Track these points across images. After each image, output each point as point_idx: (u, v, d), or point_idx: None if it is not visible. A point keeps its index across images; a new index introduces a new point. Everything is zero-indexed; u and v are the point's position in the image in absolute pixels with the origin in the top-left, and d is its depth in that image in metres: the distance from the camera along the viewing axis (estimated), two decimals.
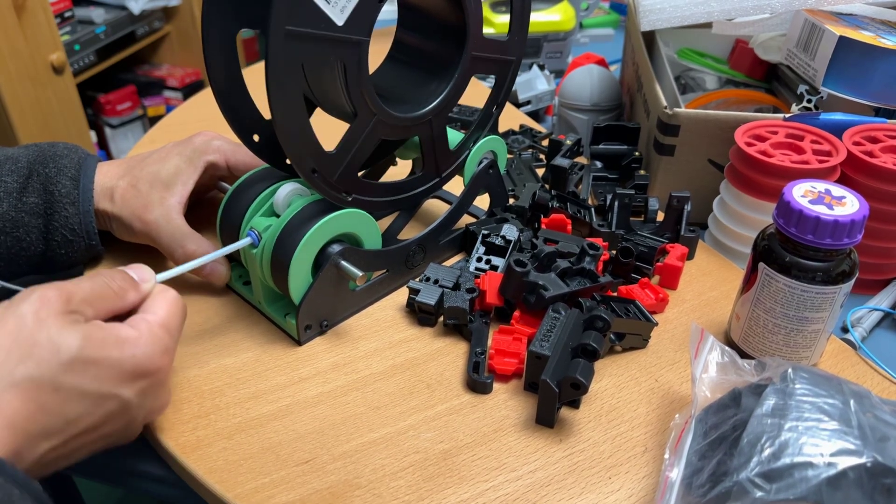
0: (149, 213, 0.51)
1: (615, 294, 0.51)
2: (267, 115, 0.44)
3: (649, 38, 0.80)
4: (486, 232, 0.54)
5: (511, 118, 0.81)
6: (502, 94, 0.56)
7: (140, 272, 0.39)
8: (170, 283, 0.41)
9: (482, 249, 0.54)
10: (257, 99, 0.47)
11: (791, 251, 0.42)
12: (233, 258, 0.53)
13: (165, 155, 0.54)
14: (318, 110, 0.51)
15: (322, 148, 0.45)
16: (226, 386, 0.45)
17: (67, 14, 1.60)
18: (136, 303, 0.38)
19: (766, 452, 0.32)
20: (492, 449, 0.41)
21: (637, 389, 0.45)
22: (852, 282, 0.42)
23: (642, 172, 0.65)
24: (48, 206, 0.50)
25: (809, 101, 0.62)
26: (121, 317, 0.37)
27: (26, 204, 0.50)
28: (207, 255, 0.45)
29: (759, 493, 0.31)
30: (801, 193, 0.41)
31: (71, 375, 0.33)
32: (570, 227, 0.56)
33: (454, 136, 0.55)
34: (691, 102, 0.75)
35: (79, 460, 0.36)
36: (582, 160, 0.71)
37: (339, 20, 0.41)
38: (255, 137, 0.49)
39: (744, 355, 0.45)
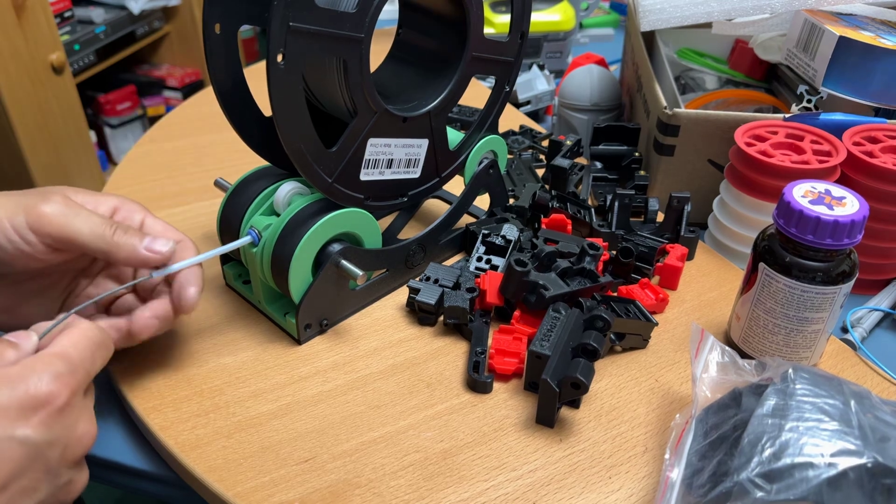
0: (45, 210, 0.38)
1: (615, 294, 0.51)
2: (267, 112, 0.44)
3: (649, 38, 0.80)
4: (486, 232, 0.54)
5: (511, 118, 0.81)
6: (502, 95, 0.56)
7: (20, 338, 0.34)
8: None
9: (482, 249, 0.54)
10: (258, 97, 0.47)
11: (791, 251, 0.42)
12: (232, 257, 0.53)
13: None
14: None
15: (322, 146, 0.45)
16: (225, 385, 0.45)
17: (67, 14, 1.60)
18: (16, 361, 0.33)
19: (767, 453, 0.32)
20: (492, 448, 0.41)
21: (637, 389, 0.45)
22: (852, 282, 0.42)
23: (642, 173, 0.65)
24: None
25: (809, 101, 0.62)
26: None
27: None
28: (206, 253, 0.44)
29: (759, 494, 0.31)
30: (802, 194, 0.41)
31: None
32: (570, 227, 0.56)
33: (454, 136, 0.55)
34: (691, 102, 0.75)
35: None
36: (582, 160, 0.71)
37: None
38: (255, 135, 0.49)
39: (744, 355, 0.45)
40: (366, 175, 0.49)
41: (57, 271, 0.43)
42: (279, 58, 0.39)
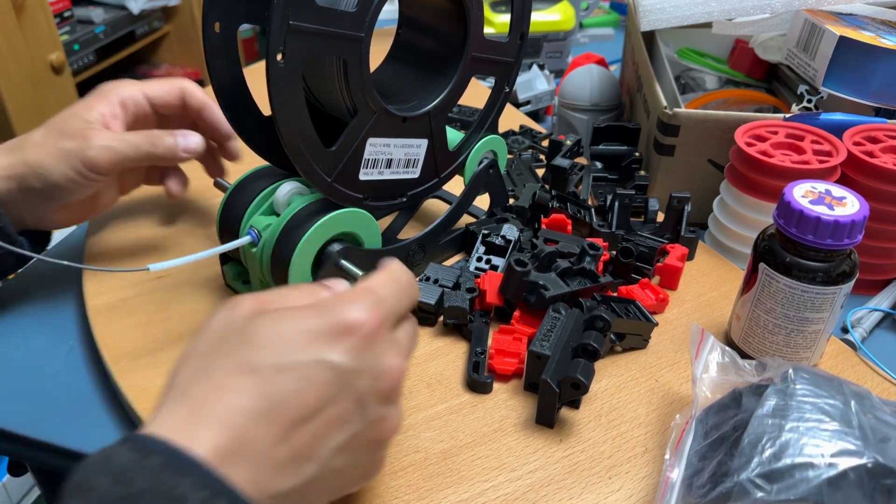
0: (94, 141, 0.48)
1: (615, 294, 0.51)
2: (267, 111, 0.44)
3: (649, 38, 0.80)
4: (486, 232, 0.54)
5: (511, 118, 0.80)
6: (502, 96, 0.56)
7: (335, 283, 0.35)
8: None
9: (482, 249, 0.54)
10: (257, 97, 0.47)
11: (791, 251, 0.42)
12: (232, 256, 0.53)
13: (71, 107, 0.51)
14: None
15: (322, 145, 0.44)
16: None
17: (67, 14, 1.60)
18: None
19: (767, 453, 0.32)
20: (492, 449, 0.41)
21: (637, 390, 0.45)
22: (852, 282, 0.42)
23: (642, 173, 0.65)
24: None
25: (809, 101, 0.62)
26: None
27: None
28: (205, 251, 0.44)
29: (759, 494, 0.31)
30: (802, 194, 0.41)
31: (262, 352, 0.29)
32: (570, 227, 0.56)
33: (454, 136, 0.55)
34: (691, 102, 0.75)
35: (338, 474, 0.31)
36: (582, 160, 0.71)
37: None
38: (255, 135, 0.49)
39: (744, 356, 0.45)
40: (365, 175, 0.49)
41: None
42: (279, 57, 0.39)
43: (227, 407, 0.28)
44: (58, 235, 0.58)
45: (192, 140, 0.51)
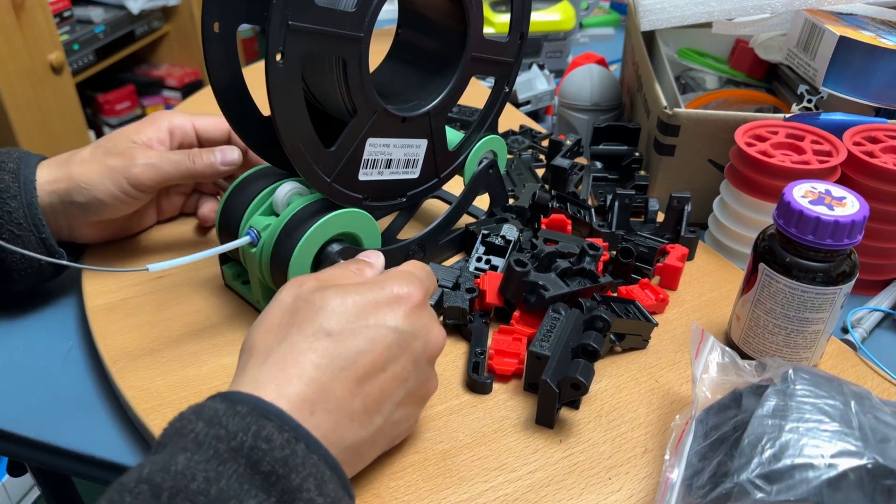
0: (140, 159, 0.51)
1: (615, 294, 0.51)
2: (266, 111, 0.44)
3: (649, 37, 0.80)
4: (486, 232, 0.54)
5: (511, 118, 0.80)
6: (502, 96, 0.56)
7: (372, 257, 0.42)
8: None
9: (482, 249, 0.54)
10: (257, 97, 0.47)
11: (791, 252, 0.42)
12: (231, 256, 0.53)
13: (119, 130, 0.55)
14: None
15: (321, 145, 0.44)
16: (224, 385, 0.44)
17: (66, 13, 1.60)
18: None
19: (767, 453, 0.32)
20: (491, 449, 0.41)
21: (637, 390, 0.45)
22: (852, 282, 0.42)
23: (642, 173, 0.65)
24: None
25: (810, 101, 0.62)
26: None
27: None
28: (205, 252, 0.44)
29: (759, 495, 0.31)
30: (802, 194, 0.41)
31: (335, 319, 0.34)
32: (570, 227, 0.56)
33: (454, 136, 0.55)
34: (691, 102, 0.75)
35: (402, 422, 0.37)
36: (582, 160, 0.71)
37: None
38: (254, 135, 0.49)
39: (744, 356, 0.45)
40: (364, 175, 0.49)
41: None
42: (278, 57, 0.39)
43: (309, 365, 0.33)
44: None
45: (230, 155, 0.52)
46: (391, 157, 0.50)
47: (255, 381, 0.32)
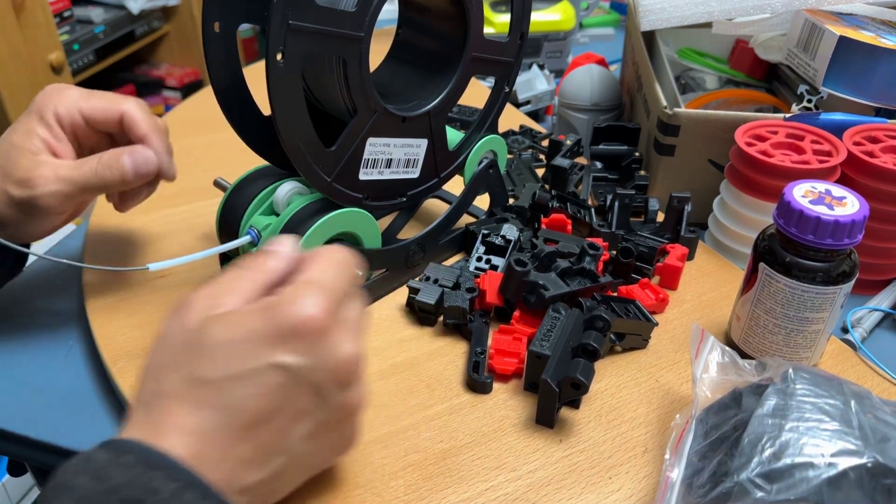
0: (41, 174, 0.44)
1: (615, 294, 0.51)
2: (267, 111, 0.44)
3: (649, 37, 0.80)
4: (486, 232, 0.54)
5: (511, 118, 0.80)
6: (502, 96, 0.56)
7: (278, 244, 0.35)
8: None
9: (482, 249, 0.54)
10: (257, 97, 0.47)
11: (791, 251, 0.42)
12: (232, 256, 0.53)
13: (13, 127, 0.48)
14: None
15: (322, 145, 0.44)
16: None
17: (66, 13, 1.60)
18: (283, 269, 0.34)
19: (767, 453, 0.32)
20: (491, 449, 0.41)
21: (637, 390, 0.45)
22: (852, 282, 0.42)
23: (642, 173, 0.65)
24: None
25: (809, 101, 0.62)
26: None
27: None
28: (205, 251, 0.44)
29: (759, 494, 0.31)
30: (802, 194, 0.41)
31: (217, 361, 0.30)
32: (570, 227, 0.56)
33: (454, 136, 0.55)
34: (691, 102, 0.75)
35: (296, 479, 0.33)
36: (582, 160, 0.71)
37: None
38: (255, 135, 0.49)
39: (744, 356, 0.45)
40: (365, 175, 0.49)
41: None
42: (279, 57, 0.39)
43: (185, 421, 0.29)
44: (58, 235, 0.58)
45: (142, 161, 0.46)
46: (391, 156, 0.50)
47: (142, 425, 0.30)
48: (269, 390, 0.30)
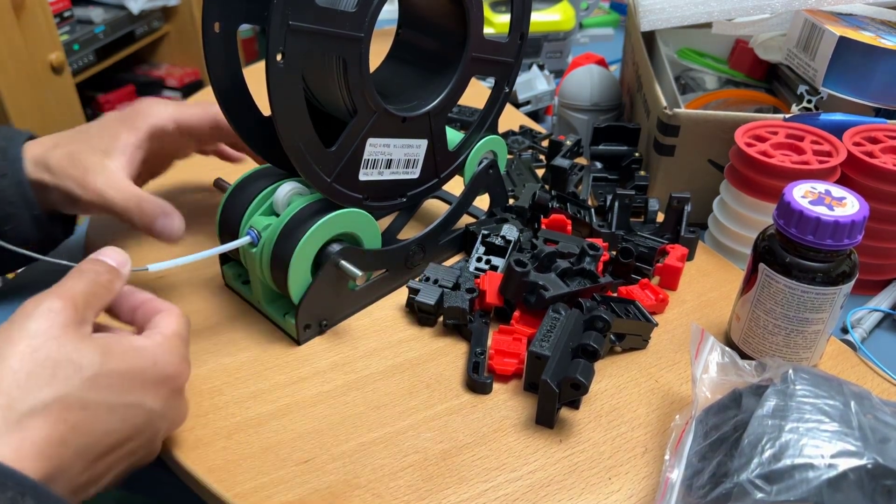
0: (91, 179, 0.48)
1: (615, 294, 0.51)
2: (267, 111, 0.44)
3: (649, 38, 0.80)
4: (486, 232, 0.54)
5: (511, 118, 0.80)
6: (502, 96, 0.56)
7: (115, 257, 0.39)
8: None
9: (482, 249, 0.54)
10: (257, 97, 0.47)
11: (791, 252, 0.42)
12: (232, 257, 0.53)
13: (104, 123, 0.52)
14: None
15: (322, 145, 0.44)
16: (224, 385, 0.45)
17: (66, 14, 1.60)
18: (120, 291, 0.39)
19: (767, 454, 0.32)
20: (492, 449, 0.41)
21: (637, 390, 0.45)
22: (852, 282, 0.42)
23: (642, 173, 0.65)
24: None
25: (809, 101, 0.62)
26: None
27: None
28: (205, 252, 0.44)
29: (759, 495, 0.31)
30: (802, 194, 0.41)
31: (96, 391, 0.32)
32: (570, 227, 0.56)
33: (454, 136, 0.55)
34: (691, 102, 0.75)
35: (105, 486, 0.35)
36: (582, 160, 0.71)
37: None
38: (255, 135, 0.49)
39: (744, 356, 0.45)
40: (365, 175, 0.49)
41: None
42: (279, 57, 0.39)
43: (49, 438, 0.30)
44: None
45: (168, 226, 0.49)
46: (391, 157, 0.50)
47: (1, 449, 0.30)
48: (130, 426, 0.34)
